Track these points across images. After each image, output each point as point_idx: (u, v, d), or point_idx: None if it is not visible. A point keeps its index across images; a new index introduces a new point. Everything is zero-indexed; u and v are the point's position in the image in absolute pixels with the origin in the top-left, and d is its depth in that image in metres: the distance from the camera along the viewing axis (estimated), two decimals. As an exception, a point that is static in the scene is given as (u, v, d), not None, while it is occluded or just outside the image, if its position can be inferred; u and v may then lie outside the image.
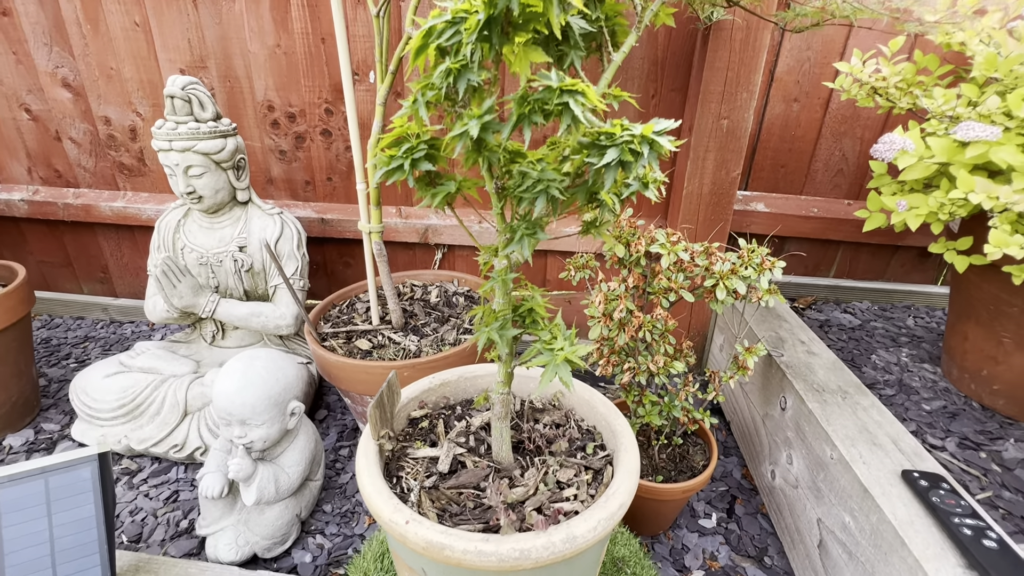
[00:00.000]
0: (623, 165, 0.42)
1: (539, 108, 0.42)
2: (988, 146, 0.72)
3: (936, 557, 0.60)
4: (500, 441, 0.61)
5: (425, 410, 0.70)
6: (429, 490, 0.60)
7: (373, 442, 0.61)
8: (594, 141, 0.43)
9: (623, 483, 0.56)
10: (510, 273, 0.52)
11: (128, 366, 1.24)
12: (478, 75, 0.43)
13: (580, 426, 0.66)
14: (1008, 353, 0.90)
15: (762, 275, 0.77)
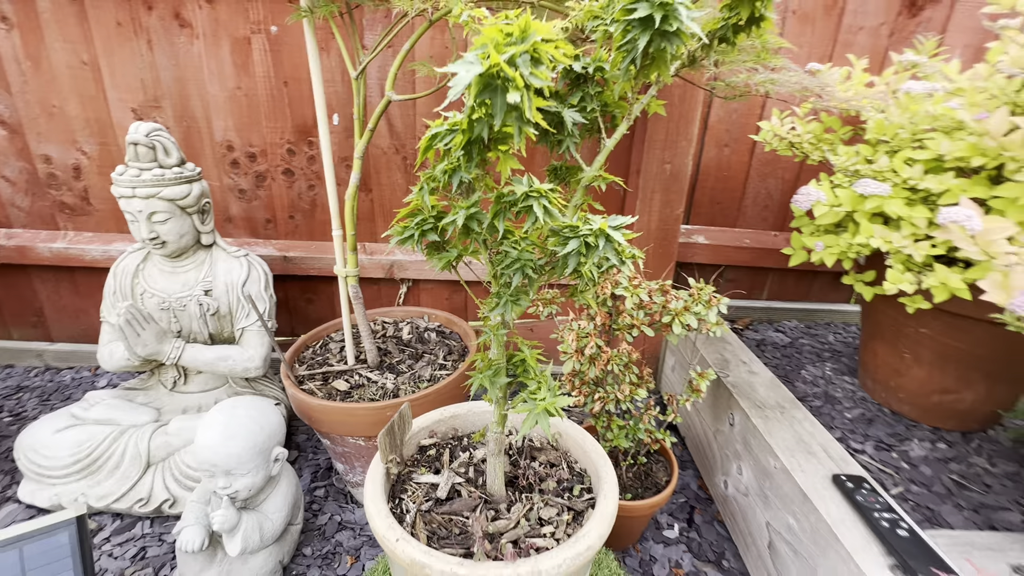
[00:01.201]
0: (587, 249, 0.50)
1: (509, 206, 0.50)
2: (881, 199, 0.87)
3: (863, 549, 0.71)
4: (494, 475, 0.67)
5: (435, 439, 0.75)
6: (424, 513, 0.65)
7: (381, 465, 0.65)
8: (559, 232, 0.51)
9: (595, 527, 0.62)
10: (502, 329, 0.59)
11: (81, 418, 1.19)
12: (468, 174, 0.51)
13: (572, 467, 0.73)
14: (909, 367, 1.06)
15: (710, 311, 0.88)
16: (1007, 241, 0.70)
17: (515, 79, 0.41)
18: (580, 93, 0.52)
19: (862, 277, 1.03)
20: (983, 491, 0.93)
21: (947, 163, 0.84)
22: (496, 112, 0.42)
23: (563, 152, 0.54)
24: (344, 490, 1.21)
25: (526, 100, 0.42)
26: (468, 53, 0.41)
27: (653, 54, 0.45)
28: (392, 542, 0.57)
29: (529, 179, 0.49)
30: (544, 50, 0.42)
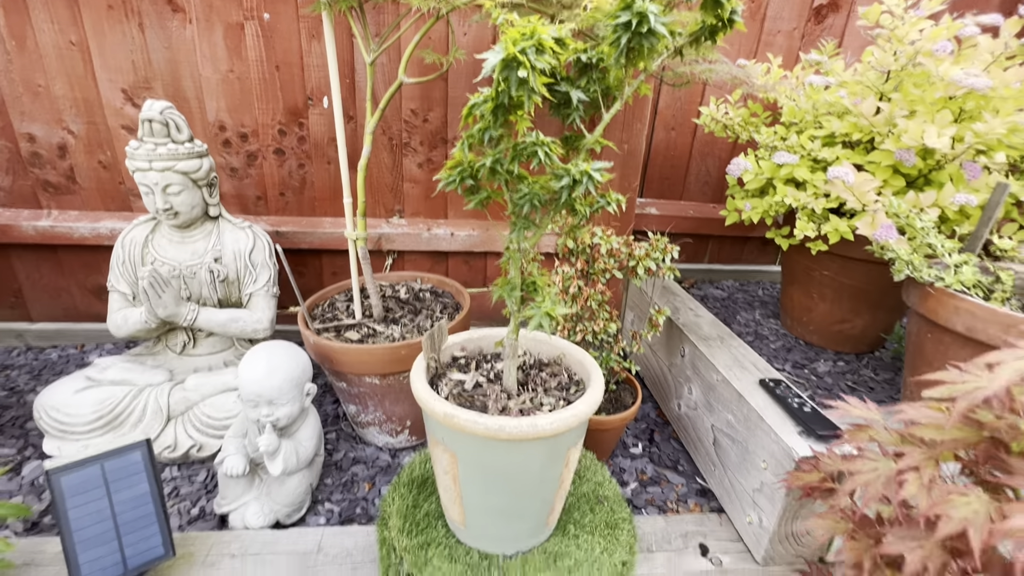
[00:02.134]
0: (574, 186, 0.69)
1: (523, 153, 0.68)
2: (792, 167, 1.13)
3: (780, 424, 0.96)
4: (508, 374, 0.85)
5: (465, 353, 0.94)
6: (455, 395, 0.84)
7: (423, 361, 0.85)
8: (556, 173, 0.70)
9: (581, 404, 0.79)
10: (518, 253, 0.78)
11: (97, 380, 1.26)
12: (496, 132, 0.68)
13: (572, 377, 0.92)
14: (816, 304, 1.34)
15: (665, 256, 1.10)
16: (874, 192, 0.96)
17: (524, 62, 0.59)
18: (586, 78, 0.71)
19: (781, 232, 1.30)
20: (868, 392, 1.21)
21: (837, 138, 1.10)
22: (512, 85, 0.60)
23: (571, 123, 0.72)
24: (353, 433, 1.36)
25: (532, 76, 0.60)
26: (496, 45, 0.59)
27: (636, 49, 0.64)
28: (432, 402, 0.76)
29: (536, 134, 0.67)
30: (546, 44, 0.61)
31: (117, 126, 1.52)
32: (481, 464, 0.78)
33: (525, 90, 0.62)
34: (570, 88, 0.70)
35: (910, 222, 0.88)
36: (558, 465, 0.81)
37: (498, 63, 0.60)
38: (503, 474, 0.78)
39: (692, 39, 0.68)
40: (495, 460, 0.77)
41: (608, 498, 0.96)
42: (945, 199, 0.91)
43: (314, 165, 1.63)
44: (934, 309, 0.88)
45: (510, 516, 0.83)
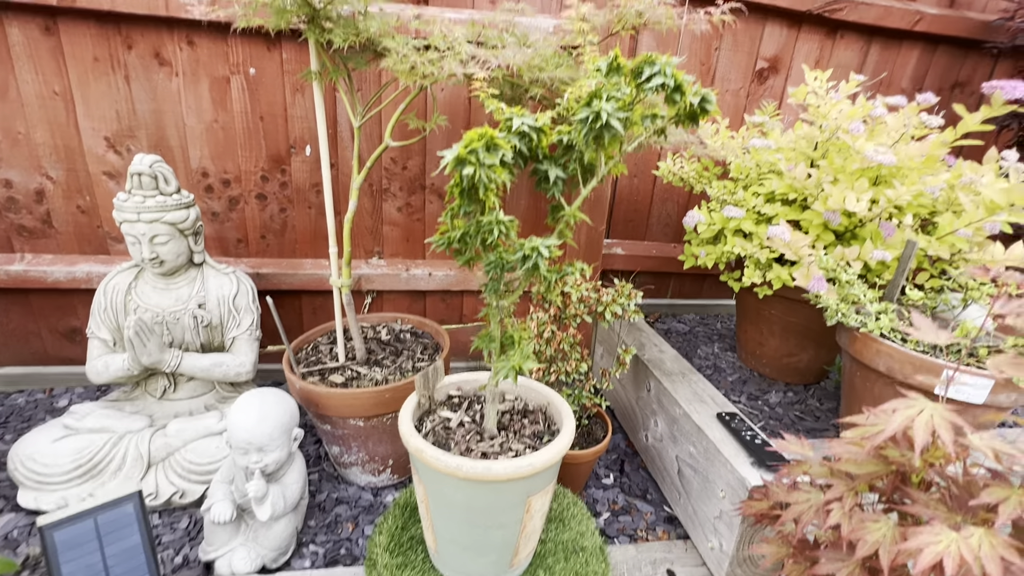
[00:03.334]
0: (525, 260, 0.78)
1: (482, 230, 0.77)
2: (739, 220, 1.26)
3: (735, 455, 1.06)
4: (488, 417, 0.93)
5: (460, 393, 1.01)
6: (438, 430, 0.91)
7: (415, 398, 0.92)
8: (514, 247, 0.80)
9: (538, 456, 0.83)
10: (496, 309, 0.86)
11: (76, 428, 1.27)
12: (468, 208, 0.78)
13: (550, 426, 1.00)
14: (766, 339, 1.47)
15: (630, 303, 1.21)
16: (808, 247, 1.09)
17: (472, 161, 0.69)
18: (567, 156, 0.81)
19: (733, 275, 1.43)
20: (814, 420, 1.34)
21: (777, 196, 1.25)
22: (464, 176, 0.70)
23: (551, 196, 0.82)
24: (335, 474, 1.39)
25: (479, 171, 0.70)
26: (455, 145, 0.69)
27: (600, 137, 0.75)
28: (408, 436, 0.85)
29: (496, 214, 0.76)
30: (497, 143, 0.71)
31: (98, 172, 1.55)
32: (445, 498, 0.86)
33: (480, 179, 0.72)
34: (550, 167, 0.81)
35: (837, 275, 1.01)
36: (517, 510, 0.87)
37: (452, 160, 0.70)
38: (463, 509, 0.85)
39: (675, 121, 0.79)
40: (456, 496, 0.84)
41: (586, 549, 1.02)
42: (867, 254, 1.05)
43: (295, 209, 1.69)
44: (860, 351, 1.01)
45: (472, 550, 0.90)
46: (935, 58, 1.92)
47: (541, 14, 1.60)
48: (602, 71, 0.72)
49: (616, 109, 0.73)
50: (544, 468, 0.83)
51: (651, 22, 0.96)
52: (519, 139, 0.77)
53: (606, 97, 0.70)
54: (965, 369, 0.84)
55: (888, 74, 1.92)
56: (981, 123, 1.03)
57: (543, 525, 0.96)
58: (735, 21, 1.72)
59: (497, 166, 0.72)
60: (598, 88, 0.70)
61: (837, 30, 1.81)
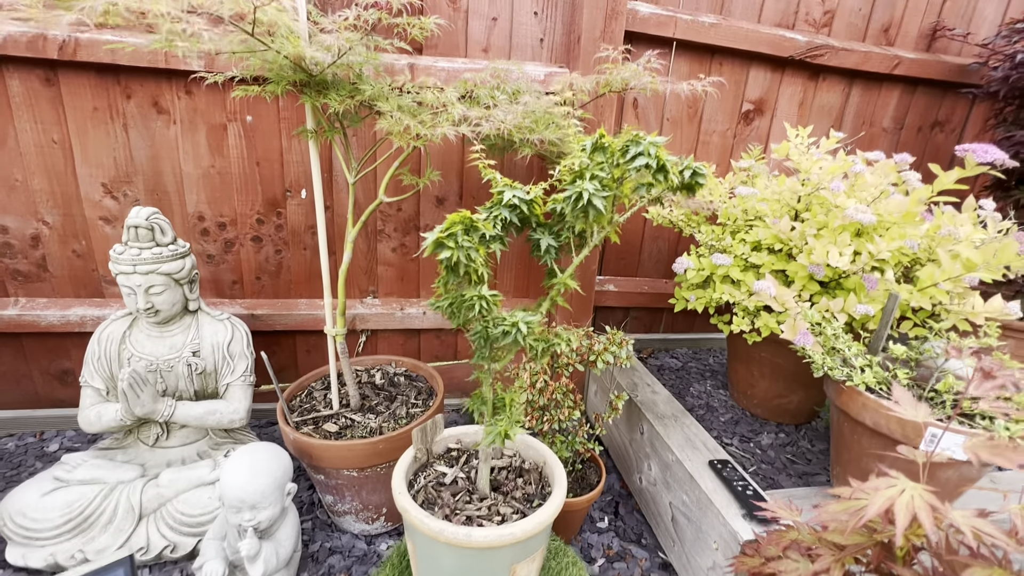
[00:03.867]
0: (503, 336, 0.80)
1: (463, 305, 0.79)
2: (727, 268, 1.29)
3: (727, 506, 1.07)
4: (481, 477, 0.94)
5: (459, 446, 1.02)
6: (426, 488, 0.92)
7: (412, 451, 0.93)
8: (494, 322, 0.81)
9: (518, 526, 0.82)
10: (487, 373, 0.87)
11: (66, 480, 1.26)
12: (455, 281, 0.79)
13: (544, 487, 1.00)
14: (757, 380, 1.49)
15: (622, 350, 1.23)
16: (794, 299, 1.12)
17: (450, 245, 0.71)
18: (560, 224, 0.83)
19: (722, 318, 1.45)
20: (805, 463, 1.35)
21: (764, 244, 1.28)
22: (444, 257, 0.72)
23: (543, 263, 0.85)
24: (329, 521, 1.38)
25: (457, 253, 0.72)
26: (437, 227, 0.71)
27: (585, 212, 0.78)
28: (396, 495, 0.87)
29: (479, 288, 0.78)
30: (477, 226, 0.73)
31: (95, 217, 1.56)
32: (430, 557, 0.87)
33: (459, 259, 0.74)
34: (542, 236, 0.83)
35: (822, 330, 1.03)
36: None
37: (431, 244, 0.72)
38: (445, 570, 0.85)
39: (672, 191, 0.81)
40: (440, 558, 0.85)
41: None
42: (851, 307, 1.08)
43: (291, 251, 1.71)
44: (847, 403, 1.03)
45: None
46: (915, 99, 1.98)
47: (531, 62, 1.65)
48: (587, 150, 0.74)
49: (599, 188, 0.76)
50: (527, 537, 0.83)
51: (637, 88, 1.00)
52: (509, 211, 0.80)
53: (589, 176, 0.72)
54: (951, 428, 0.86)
55: (870, 113, 1.97)
56: (955, 182, 1.07)
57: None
58: (716, 92, 1.78)
59: (478, 245, 0.74)
60: (581, 168, 0.72)
61: (819, 73, 1.87)
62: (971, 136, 2.05)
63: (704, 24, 1.67)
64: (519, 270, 1.86)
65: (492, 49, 1.62)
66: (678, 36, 1.66)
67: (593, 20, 1.52)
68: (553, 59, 1.66)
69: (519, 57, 1.64)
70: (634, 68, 0.99)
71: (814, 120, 1.93)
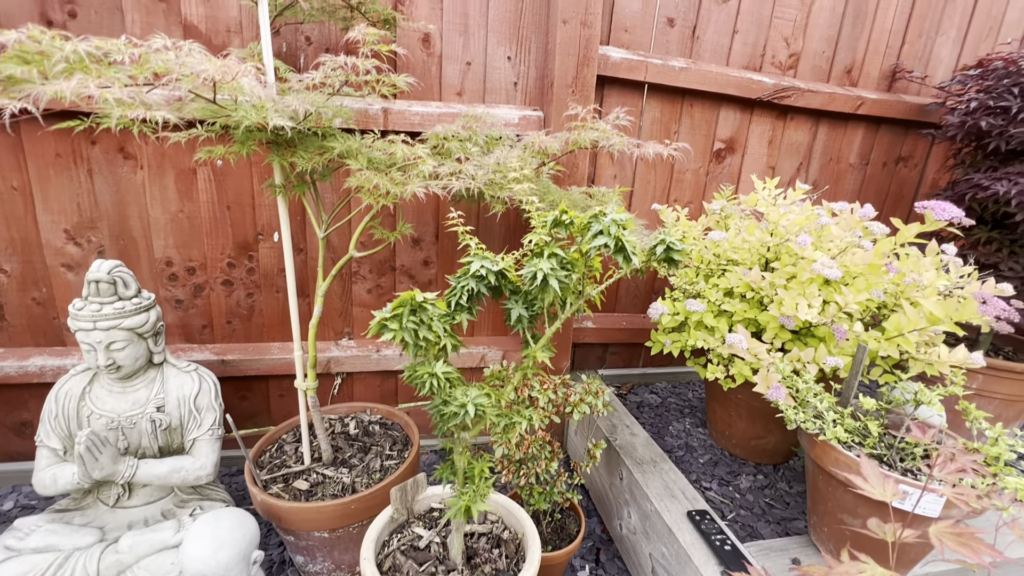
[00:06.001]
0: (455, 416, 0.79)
1: (415, 381, 0.78)
2: (700, 314, 1.30)
3: (706, 562, 1.06)
4: (452, 547, 0.91)
5: (442, 506, 0.99)
6: (398, 552, 0.89)
7: (389, 511, 0.91)
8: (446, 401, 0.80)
9: None
10: (457, 443, 0.86)
11: (17, 549, 1.19)
12: (415, 353, 0.78)
13: (519, 561, 0.97)
14: (735, 421, 1.49)
15: (598, 400, 1.22)
16: (767, 351, 1.13)
17: (393, 328, 0.70)
18: (533, 295, 0.83)
19: (699, 360, 1.46)
20: (784, 507, 1.35)
21: (736, 291, 1.29)
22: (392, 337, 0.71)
23: (515, 332, 0.84)
24: (299, 581, 1.33)
25: (400, 334, 0.71)
26: (389, 305, 0.71)
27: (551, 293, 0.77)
28: (362, 559, 0.85)
29: (430, 364, 0.77)
30: (424, 306, 0.73)
31: (56, 264, 1.51)
32: None
33: (409, 343, 0.73)
34: (514, 306, 0.82)
35: (793, 383, 1.04)
36: None
37: (375, 325, 0.72)
38: None
39: (654, 262, 0.81)
40: None
41: None
42: (821, 359, 1.09)
43: (263, 294, 1.67)
44: (820, 456, 1.03)
45: None
46: (879, 136, 2.04)
47: (506, 104, 1.66)
48: (547, 226, 0.74)
49: (556, 267, 0.75)
50: None
51: (606, 148, 1.01)
52: (477, 281, 0.79)
53: (548, 255, 0.72)
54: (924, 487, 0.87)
55: (837, 150, 2.03)
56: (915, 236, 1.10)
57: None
58: (683, 156, 1.82)
59: (430, 319, 0.73)
60: (539, 246, 0.72)
61: (787, 113, 1.92)
62: (933, 171, 2.12)
63: (674, 68, 1.70)
64: (496, 309, 1.85)
65: (466, 93, 1.63)
66: (650, 80, 1.69)
67: (565, 66, 1.54)
68: (527, 101, 1.68)
69: (493, 100, 1.66)
70: (603, 128, 1.00)
71: (783, 157, 1.98)
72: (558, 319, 0.83)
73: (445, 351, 0.77)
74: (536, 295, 0.80)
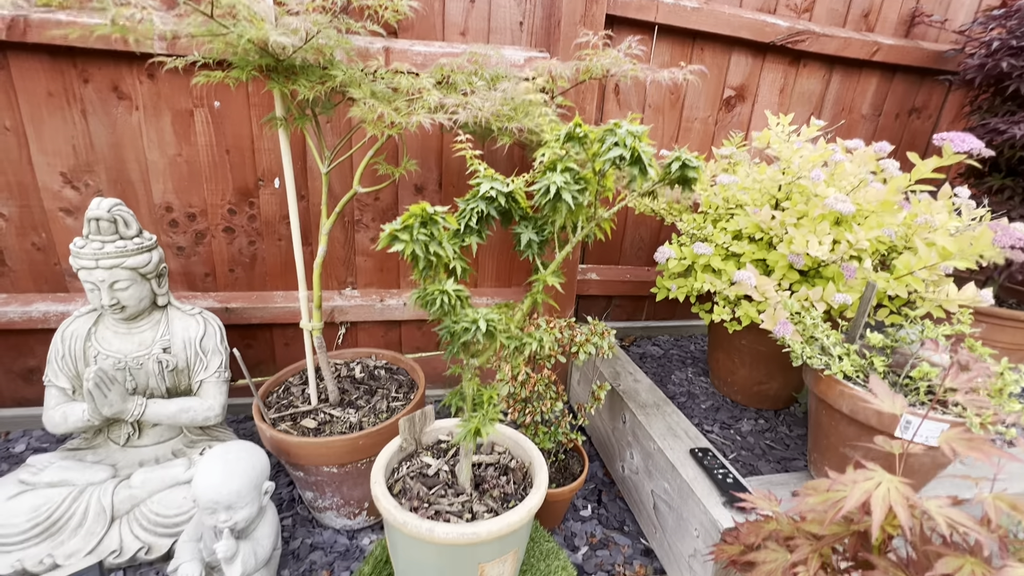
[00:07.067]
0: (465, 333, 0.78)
1: (426, 299, 0.77)
2: (708, 257, 1.29)
3: (708, 495, 1.08)
4: (461, 472, 0.93)
5: (450, 439, 1.01)
6: (405, 477, 0.92)
7: (398, 441, 0.95)
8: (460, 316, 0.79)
9: (488, 524, 0.80)
10: (467, 368, 0.86)
11: (32, 483, 1.21)
12: (428, 274, 0.77)
13: (526, 488, 0.97)
14: (738, 367, 1.50)
15: (604, 341, 1.22)
16: (774, 288, 1.12)
17: (404, 239, 0.69)
18: (544, 218, 0.81)
19: (704, 307, 1.46)
20: (784, 448, 1.37)
21: (745, 233, 1.27)
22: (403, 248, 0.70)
23: (525, 258, 0.82)
24: (309, 517, 1.37)
25: (410, 246, 0.70)
26: (397, 220, 0.69)
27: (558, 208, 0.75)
28: (372, 482, 0.87)
29: (441, 282, 0.76)
30: (434, 218, 0.71)
31: (54, 208, 1.49)
32: (399, 547, 0.86)
33: (420, 251, 0.72)
34: (524, 230, 0.81)
35: (801, 319, 1.04)
36: (467, 574, 0.85)
37: (385, 237, 0.71)
38: (414, 562, 0.85)
39: (667, 184, 0.79)
40: (407, 549, 0.84)
41: None
42: (829, 296, 1.08)
43: (265, 242, 1.65)
44: (825, 391, 1.04)
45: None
46: (893, 85, 1.99)
47: (511, 45, 1.60)
48: (560, 140, 0.72)
49: (569, 182, 0.73)
50: (493, 538, 0.80)
51: (618, 75, 0.97)
52: (487, 203, 0.77)
53: (561, 169, 0.70)
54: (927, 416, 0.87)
55: (850, 100, 1.98)
56: (932, 171, 1.08)
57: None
58: (698, 80, 1.76)
59: (445, 238, 0.72)
60: (551, 160, 0.70)
61: (800, 59, 1.86)
62: (947, 122, 2.07)
63: (686, 8, 1.64)
64: (501, 260, 1.84)
65: (470, 32, 1.58)
66: (660, 20, 1.63)
67: (573, 3, 1.48)
68: (533, 43, 1.62)
69: (498, 41, 1.60)
70: (615, 55, 0.97)
71: (794, 107, 1.93)
72: (569, 243, 0.81)
73: (455, 274, 0.76)
74: (547, 215, 0.78)
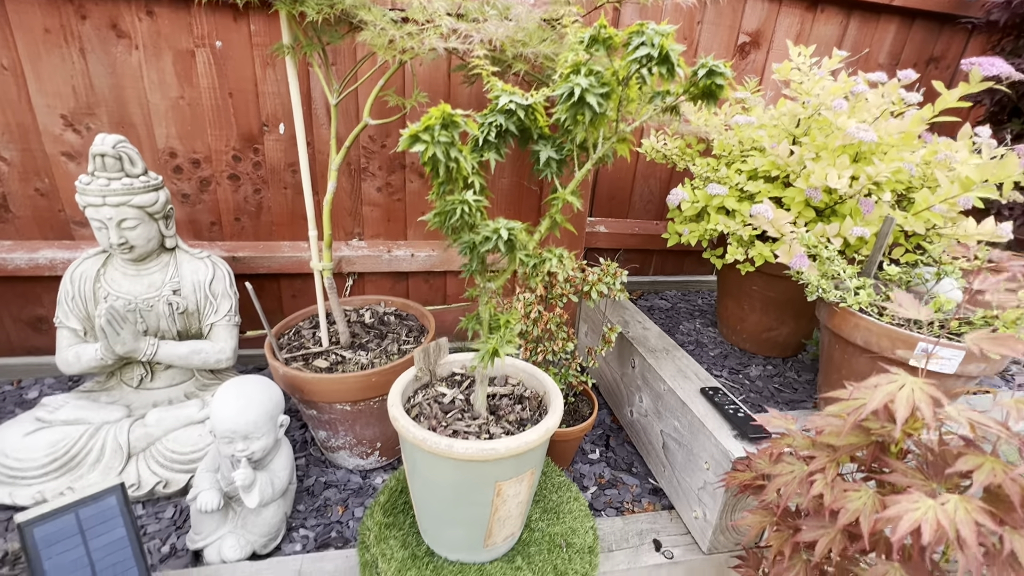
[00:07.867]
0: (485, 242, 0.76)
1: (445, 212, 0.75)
2: (722, 198, 1.27)
3: (719, 428, 1.09)
4: (478, 398, 0.93)
5: (463, 371, 1.02)
6: (422, 404, 0.93)
7: (413, 371, 0.96)
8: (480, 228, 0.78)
9: (505, 441, 0.80)
10: (484, 291, 0.85)
11: (49, 421, 1.22)
12: (445, 187, 0.76)
13: (540, 414, 0.98)
14: (747, 315, 1.50)
15: (616, 281, 1.21)
16: (790, 224, 1.11)
17: (425, 139, 0.67)
18: (564, 136, 0.79)
19: (715, 252, 1.44)
20: (792, 392, 1.38)
21: (760, 173, 1.25)
22: (420, 151, 0.68)
23: (543, 178, 0.81)
24: (322, 457, 1.39)
25: (433, 148, 0.67)
26: (416, 123, 0.67)
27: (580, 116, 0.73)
28: (391, 405, 0.87)
29: (460, 194, 0.74)
30: (455, 120, 0.69)
31: (56, 153, 1.47)
32: (416, 466, 0.87)
33: (442, 155, 0.70)
34: (543, 148, 0.79)
35: (818, 252, 1.03)
36: (484, 491, 0.85)
37: (407, 138, 0.68)
38: (432, 482, 0.86)
39: (691, 99, 0.76)
40: (425, 467, 0.85)
41: (573, 546, 0.99)
42: (846, 230, 1.07)
43: (271, 190, 1.63)
44: (839, 325, 1.04)
45: (443, 522, 0.92)
46: (911, 33, 1.93)
47: (522, -16, 1.55)
48: (584, 43, 0.69)
49: (594, 85, 0.71)
50: (511, 455, 0.80)
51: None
52: (505, 117, 0.75)
53: (584, 72, 0.68)
54: (941, 342, 0.87)
55: (867, 49, 1.93)
56: (959, 99, 1.05)
57: (524, 513, 0.95)
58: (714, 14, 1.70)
59: (459, 144, 0.70)
60: (575, 63, 0.68)
61: (817, 4, 1.81)
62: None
63: (702, -55, 1.58)
64: (512, 198, 1.81)
65: (479, -31, 1.52)
66: (675, -42, 1.57)
67: (587, -64, 1.42)
68: (543, -18, 1.57)
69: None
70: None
71: (810, 54, 1.88)
72: (589, 161, 0.80)
73: (473, 188, 0.75)
74: (567, 130, 0.76)
